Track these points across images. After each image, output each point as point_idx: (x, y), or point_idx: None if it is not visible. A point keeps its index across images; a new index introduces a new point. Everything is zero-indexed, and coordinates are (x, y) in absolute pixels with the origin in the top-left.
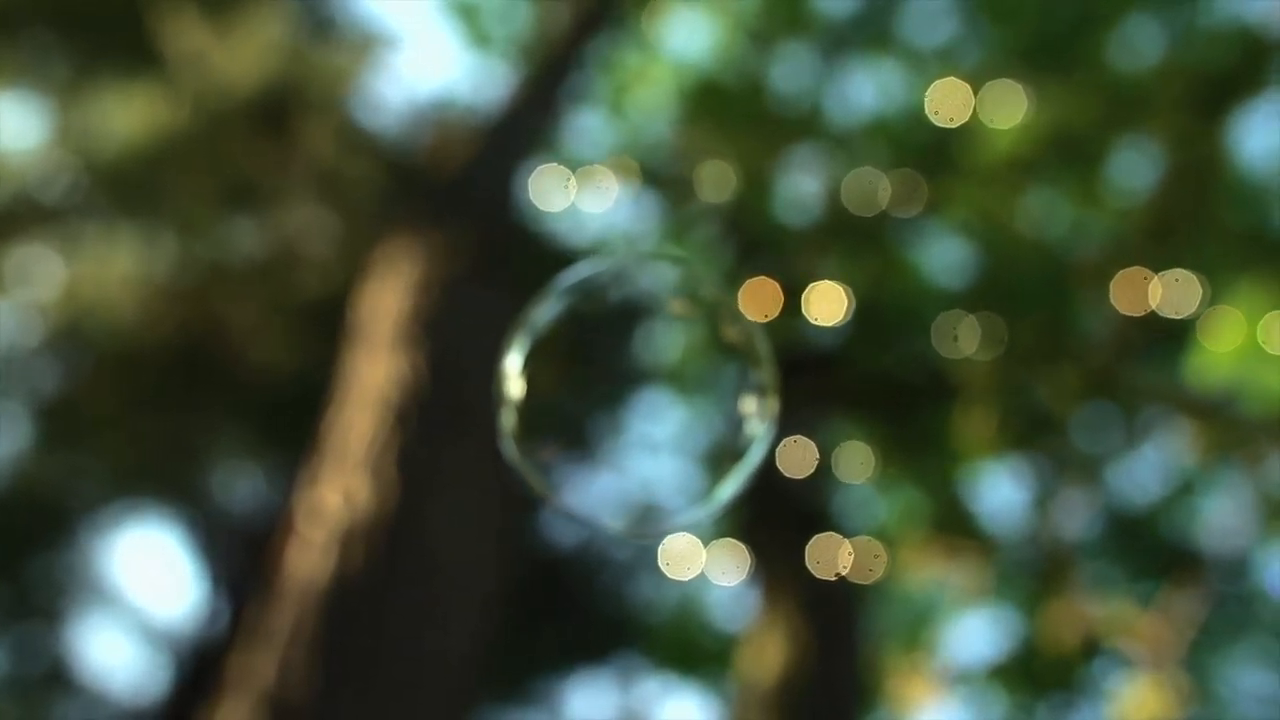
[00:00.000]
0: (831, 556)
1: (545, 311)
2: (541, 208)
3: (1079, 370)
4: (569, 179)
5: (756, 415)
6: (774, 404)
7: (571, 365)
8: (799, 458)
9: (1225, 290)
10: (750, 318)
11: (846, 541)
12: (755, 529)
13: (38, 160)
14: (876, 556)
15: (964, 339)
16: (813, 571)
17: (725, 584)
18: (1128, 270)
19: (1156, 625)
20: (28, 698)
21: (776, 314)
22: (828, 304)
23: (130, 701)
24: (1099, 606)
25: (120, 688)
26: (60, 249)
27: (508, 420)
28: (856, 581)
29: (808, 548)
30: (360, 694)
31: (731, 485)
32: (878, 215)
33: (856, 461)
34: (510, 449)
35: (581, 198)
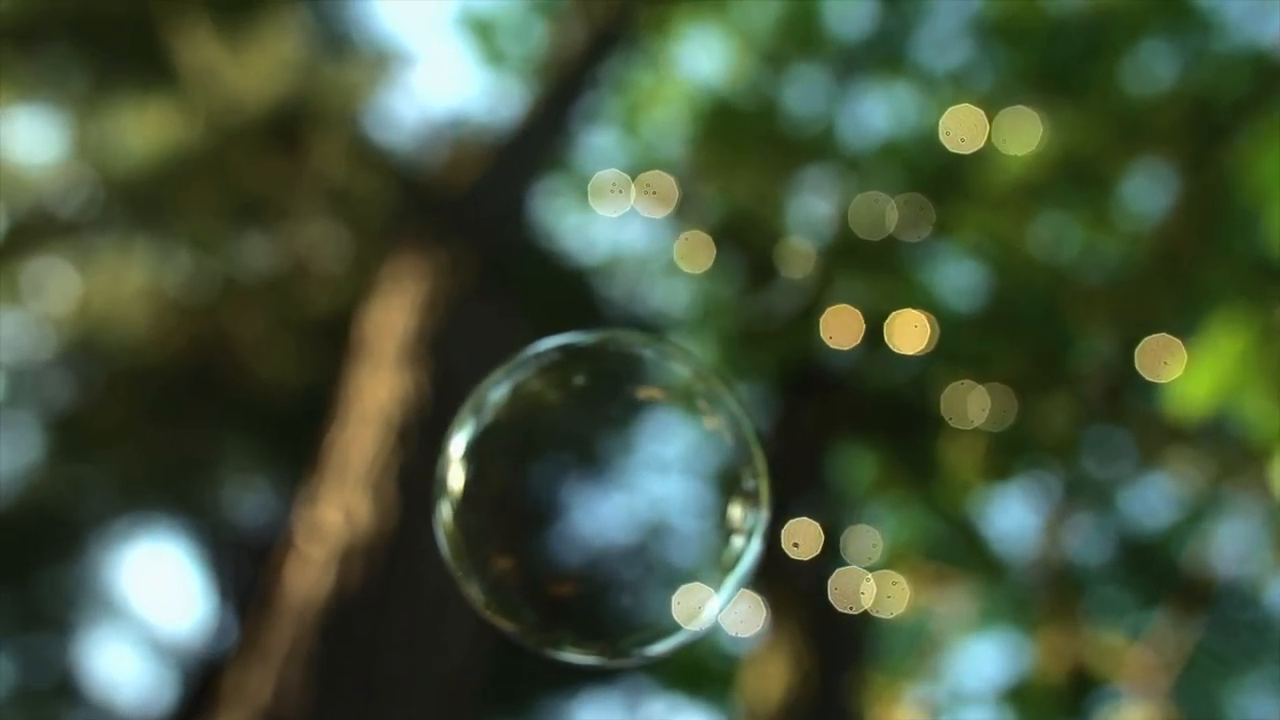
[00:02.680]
0: (852, 589)
1: (499, 389)
2: (553, 225)
3: (1075, 398)
4: (615, 184)
5: (746, 529)
6: (766, 513)
7: (525, 456)
8: (803, 538)
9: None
10: (744, 413)
11: (869, 575)
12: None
13: (54, 174)
14: (894, 584)
15: (972, 405)
16: (834, 604)
17: (742, 635)
18: (1154, 337)
19: (1149, 654)
20: (36, 710)
21: (858, 342)
22: (911, 333)
23: (137, 715)
24: (1097, 634)
25: (128, 701)
26: (74, 263)
27: (445, 516)
28: (874, 613)
29: (830, 580)
30: (356, 713)
31: (719, 601)
32: (888, 238)
33: (866, 543)
34: (446, 553)
35: (597, 214)
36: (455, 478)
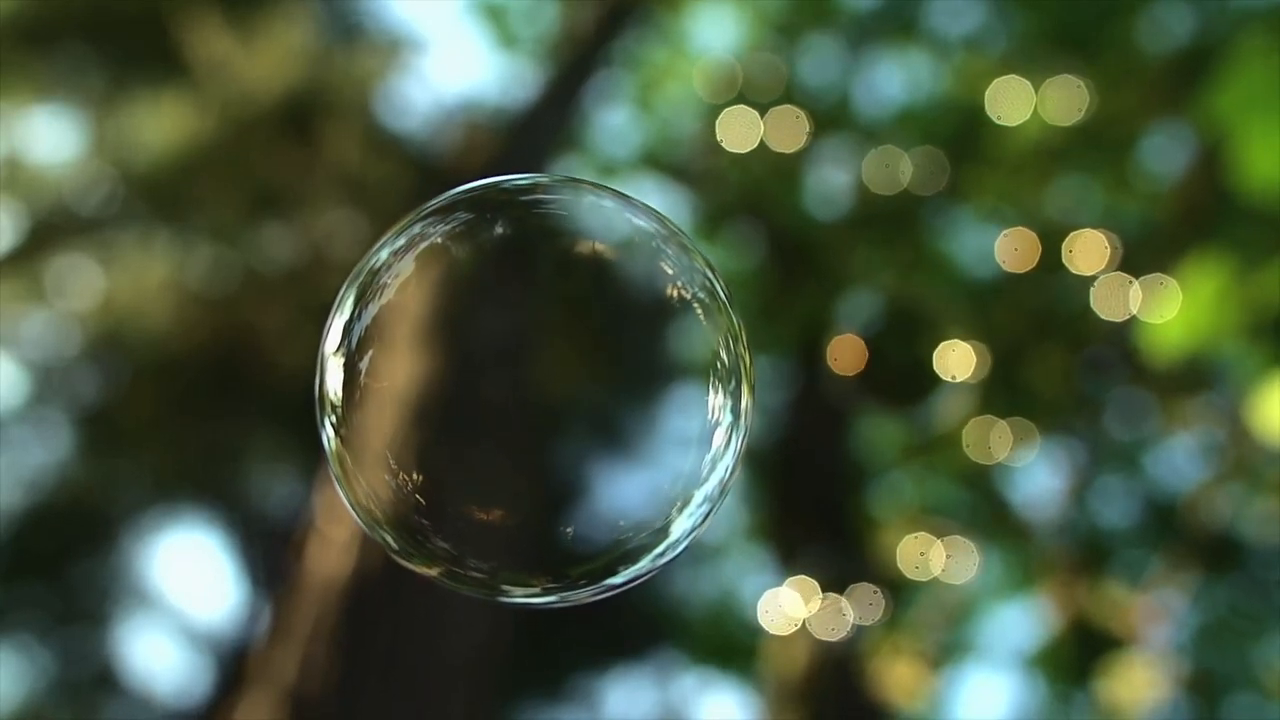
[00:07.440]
0: (922, 555)
1: (400, 249)
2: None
3: (1089, 359)
4: (754, 122)
5: (723, 420)
6: (747, 399)
7: (436, 345)
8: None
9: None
10: (721, 283)
11: (938, 541)
12: (785, 521)
13: (73, 173)
14: (948, 556)
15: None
16: (904, 571)
17: (832, 639)
18: (1109, 275)
19: (1159, 612)
20: (77, 701)
21: (1034, 266)
22: (1088, 252)
23: (175, 702)
24: (1115, 594)
25: (165, 689)
26: (97, 259)
27: (330, 438)
28: (914, 578)
29: (899, 546)
30: (380, 689)
31: (689, 520)
32: (907, 204)
33: (867, 601)
34: (339, 486)
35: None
36: (337, 379)
